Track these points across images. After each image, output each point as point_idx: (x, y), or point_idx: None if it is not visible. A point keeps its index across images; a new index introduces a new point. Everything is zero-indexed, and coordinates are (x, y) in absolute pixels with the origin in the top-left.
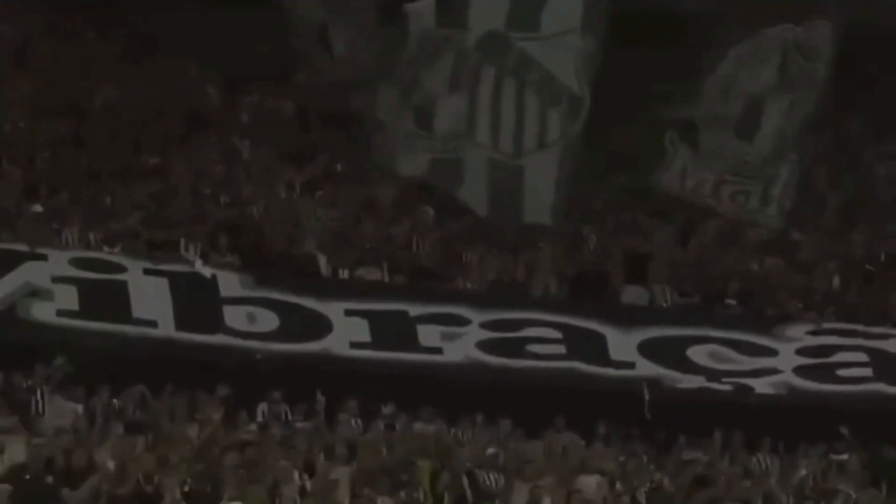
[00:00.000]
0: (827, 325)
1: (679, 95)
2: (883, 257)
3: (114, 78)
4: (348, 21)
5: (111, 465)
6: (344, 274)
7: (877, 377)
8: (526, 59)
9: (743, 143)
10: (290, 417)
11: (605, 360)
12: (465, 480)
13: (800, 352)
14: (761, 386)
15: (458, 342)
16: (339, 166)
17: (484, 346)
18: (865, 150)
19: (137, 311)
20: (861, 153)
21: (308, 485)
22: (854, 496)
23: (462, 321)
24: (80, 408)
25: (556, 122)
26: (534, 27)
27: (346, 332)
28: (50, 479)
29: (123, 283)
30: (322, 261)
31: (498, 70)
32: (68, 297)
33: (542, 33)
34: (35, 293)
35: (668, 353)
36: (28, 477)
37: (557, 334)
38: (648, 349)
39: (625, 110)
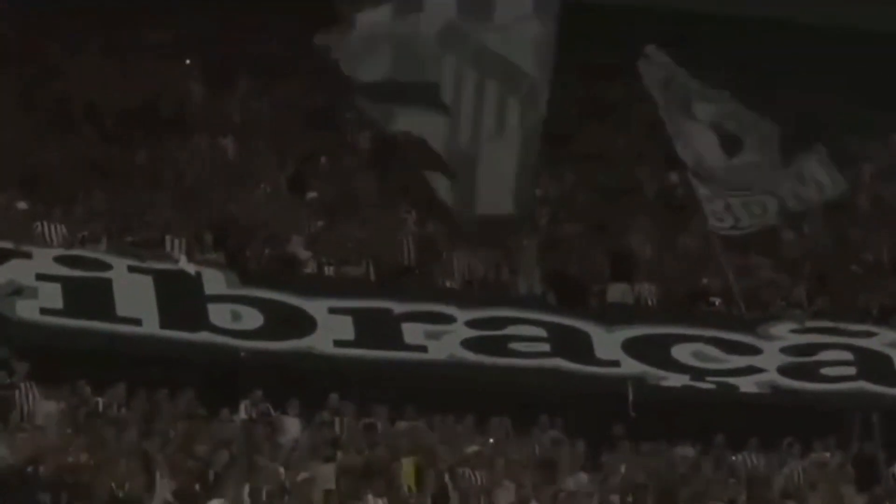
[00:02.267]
0: (811, 324)
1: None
2: (868, 257)
3: (97, 74)
4: None
5: (93, 462)
6: (329, 272)
7: (860, 375)
8: (483, 48)
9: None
10: (273, 415)
11: (590, 359)
12: (448, 478)
13: (784, 350)
14: (746, 385)
15: (443, 340)
16: (324, 164)
17: (469, 344)
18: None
19: (122, 309)
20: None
21: (288, 484)
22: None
23: (447, 319)
24: (63, 406)
25: (516, 111)
26: (487, 16)
27: (331, 330)
28: (30, 472)
29: (108, 281)
30: (307, 258)
31: (458, 60)
32: (52, 296)
33: (496, 22)
34: (20, 291)
35: (653, 351)
36: (10, 474)
37: (542, 332)
38: (633, 347)
39: None
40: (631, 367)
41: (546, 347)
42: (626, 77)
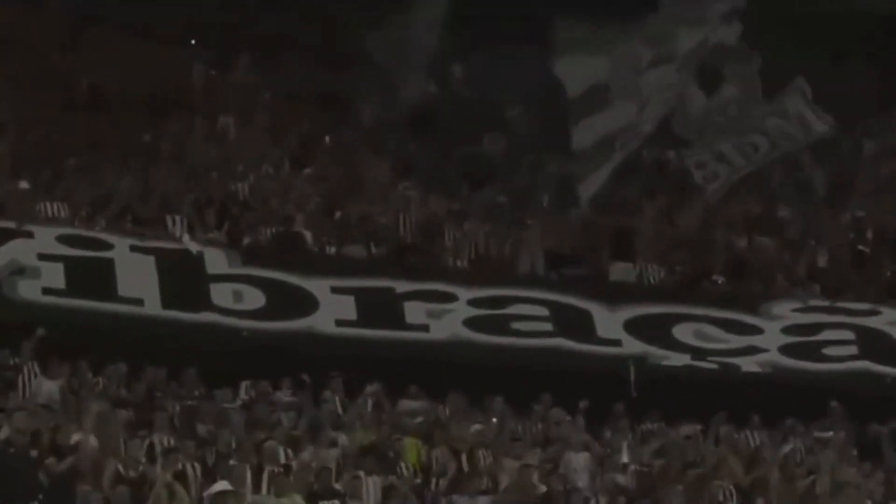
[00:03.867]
0: (813, 303)
1: None
2: (870, 235)
3: (100, 54)
4: None
5: (95, 443)
6: (330, 251)
7: (863, 355)
8: None
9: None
10: (274, 395)
11: (592, 338)
12: (451, 457)
13: (786, 330)
14: (747, 364)
15: (445, 319)
16: (326, 142)
17: (471, 323)
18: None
19: (123, 288)
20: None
21: (294, 463)
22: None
23: (449, 298)
24: (65, 385)
25: None
26: None
27: (332, 310)
28: (34, 454)
29: (110, 261)
30: (308, 238)
31: None
32: (54, 275)
33: None
34: (21, 271)
35: (655, 331)
36: (12, 451)
37: (544, 311)
38: (635, 327)
39: None
40: (632, 346)
41: (548, 327)
42: None
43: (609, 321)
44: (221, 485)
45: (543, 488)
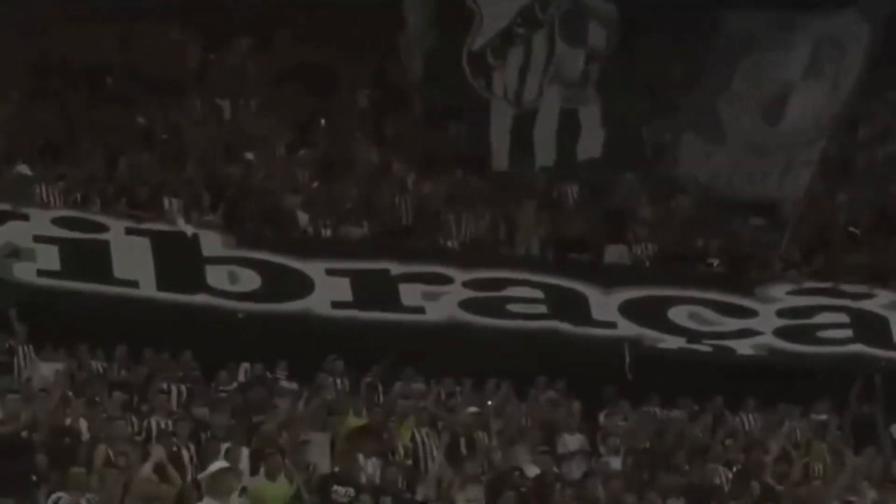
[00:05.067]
0: (808, 285)
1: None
2: (865, 218)
3: (95, 36)
4: None
5: (89, 425)
6: (326, 233)
7: (857, 338)
8: None
9: (767, 127)
10: (270, 377)
11: (587, 320)
12: (446, 440)
13: (780, 313)
14: (742, 347)
15: (441, 301)
16: (322, 124)
17: (466, 305)
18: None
19: (119, 270)
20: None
21: (286, 446)
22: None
23: (444, 280)
24: (60, 367)
25: None
26: None
27: (328, 292)
28: (25, 435)
29: (105, 243)
30: (304, 220)
31: None
32: (49, 257)
33: None
34: (17, 253)
35: (650, 313)
36: (5, 437)
37: (540, 294)
38: (630, 309)
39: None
40: (628, 328)
41: (543, 309)
42: None
43: (604, 304)
44: (219, 464)
45: (537, 469)
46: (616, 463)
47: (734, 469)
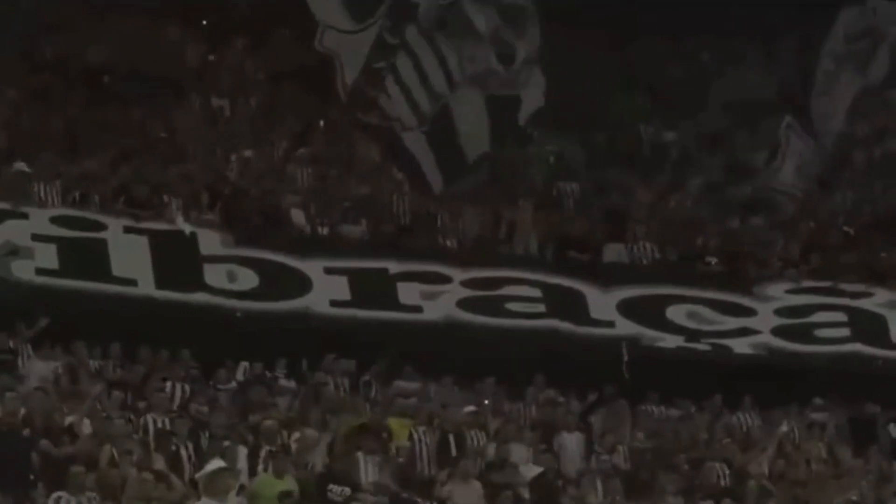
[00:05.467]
0: (806, 284)
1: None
2: (863, 218)
3: (95, 35)
4: None
5: (89, 425)
6: (324, 232)
7: (855, 337)
8: None
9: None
10: (269, 376)
11: (586, 319)
12: (444, 439)
13: (778, 312)
14: (740, 346)
15: (439, 300)
16: (320, 123)
17: (464, 304)
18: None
19: (117, 269)
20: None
21: (291, 443)
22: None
23: (443, 279)
24: (59, 366)
25: None
26: None
27: (326, 290)
28: (27, 433)
29: (103, 242)
30: (302, 218)
31: None
32: (48, 256)
33: None
34: (15, 251)
35: (648, 312)
36: (2, 434)
37: (538, 293)
38: (628, 308)
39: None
40: (626, 327)
41: (542, 308)
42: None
43: (602, 302)
44: (215, 463)
45: (538, 469)
46: (615, 461)
47: (732, 468)
